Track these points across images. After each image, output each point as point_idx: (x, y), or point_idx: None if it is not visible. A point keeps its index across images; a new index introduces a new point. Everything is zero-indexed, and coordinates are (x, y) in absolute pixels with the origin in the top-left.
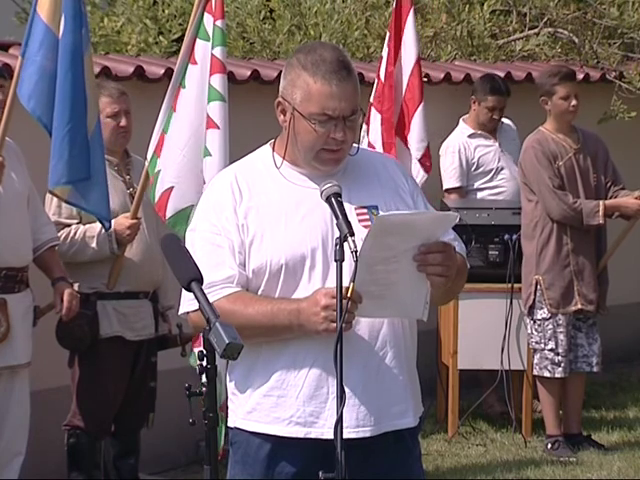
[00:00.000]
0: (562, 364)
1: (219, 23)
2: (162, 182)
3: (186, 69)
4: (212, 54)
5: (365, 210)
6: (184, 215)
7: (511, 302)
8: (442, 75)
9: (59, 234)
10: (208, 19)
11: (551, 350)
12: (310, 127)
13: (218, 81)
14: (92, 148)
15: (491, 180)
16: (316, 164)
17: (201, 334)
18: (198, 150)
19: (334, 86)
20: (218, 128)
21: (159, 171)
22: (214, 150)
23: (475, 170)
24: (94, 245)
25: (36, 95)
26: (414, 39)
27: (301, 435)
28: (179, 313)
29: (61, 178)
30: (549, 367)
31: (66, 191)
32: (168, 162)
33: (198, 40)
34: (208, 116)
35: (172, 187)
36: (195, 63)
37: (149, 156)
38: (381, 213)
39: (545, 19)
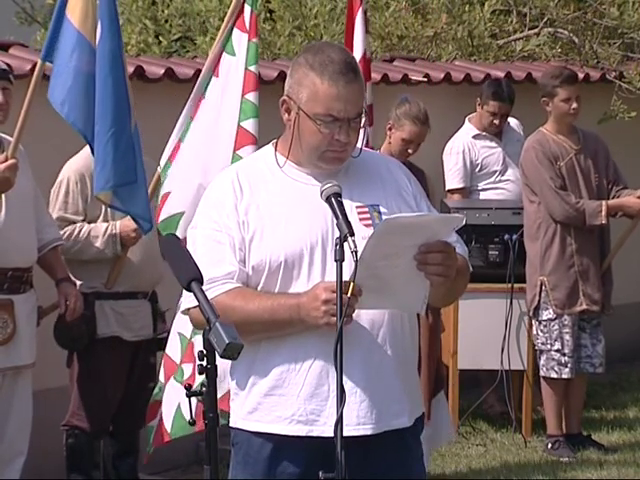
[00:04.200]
0: (569, 364)
1: (255, 40)
2: (164, 187)
3: (209, 80)
4: (249, 71)
5: (366, 209)
6: (174, 221)
7: (511, 302)
8: (442, 75)
9: (64, 230)
10: (238, 35)
11: (557, 351)
12: (315, 127)
13: (255, 98)
14: (135, 150)
15: (495, 181)
16: (320, 163)
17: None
18: (204, 161)
19: (341, 87)
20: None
21: (167, 176)
22: None
23: (479, 171)
24: (98, 245)
25: (70, 100)
26: (361, 39)
27: (303, 433)
28: (180, 311)
29: (107, 183)
30: (556, 368)
31: (109, 196)
32: (175, 168)
33: (224, 54)
34: (248, 132)
35: (170, 192)
36: (217, 76)
37: (163, 162)
38: (384, 214)
39: (545, 19)
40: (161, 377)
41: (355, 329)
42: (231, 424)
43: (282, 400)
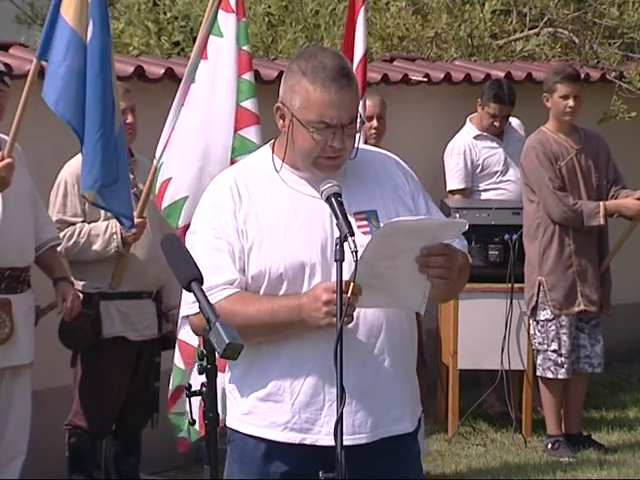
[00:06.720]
0: (565, 365)
1: (244, 20)
2: (163, 174)
3: (198, 65)
4: (243, 51)
5: (364, 216)
6: (177, 207)
7: (511, 302)
8: (442, 75)
9: (64, 232)
10: (224, 16)
11: (554, 351)
12: (308, 135)
13: (251, 77)
14: (118, 150)
15: (496, 182)
16: (314, 170)
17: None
18: (203, 144)
19: (333, 94)
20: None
21: (162, 163)
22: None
23: (480, 172)
24: (99, 243)
25: (64, 99)
26: (363, 37)
27: (296, 441)
28: (180, 316)
29: (95, 183)
30: (552, 368)
31: (92, 194)
32: (171, 153)
33: (211, 36)
34: (250, 112)
35: (170, 178)
36: (206, 59)
37: (158, 154)
38: (382, 220)
39: (545, 19)
40: (178, 363)
41: (352, 339)
42: (227, 424)
43: (277, 407)
